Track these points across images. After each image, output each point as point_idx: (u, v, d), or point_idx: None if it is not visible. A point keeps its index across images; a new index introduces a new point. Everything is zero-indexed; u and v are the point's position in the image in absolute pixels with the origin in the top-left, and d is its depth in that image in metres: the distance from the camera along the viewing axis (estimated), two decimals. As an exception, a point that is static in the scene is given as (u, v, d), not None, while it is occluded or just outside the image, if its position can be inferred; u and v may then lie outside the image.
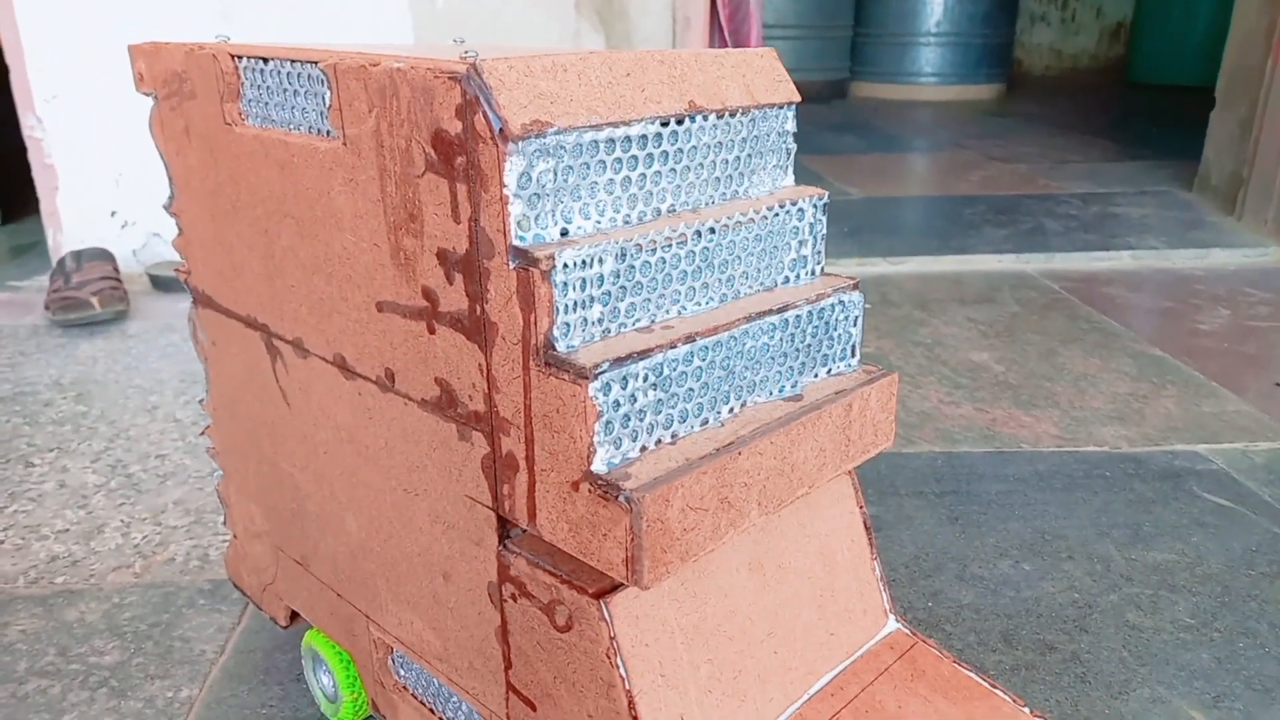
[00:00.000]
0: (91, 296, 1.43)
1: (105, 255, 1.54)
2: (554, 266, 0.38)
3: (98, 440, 1.06)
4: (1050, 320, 1.43)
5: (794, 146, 0.50)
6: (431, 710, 0.55)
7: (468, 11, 1.65)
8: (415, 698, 0.56)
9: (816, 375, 0.47)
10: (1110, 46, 5.05)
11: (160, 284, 1.61)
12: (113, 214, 1.67)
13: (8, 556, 0.84)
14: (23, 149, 1.65)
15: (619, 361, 0.38)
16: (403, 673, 0.57)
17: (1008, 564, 0.80)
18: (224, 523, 0.70)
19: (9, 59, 1.59)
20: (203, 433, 0.65)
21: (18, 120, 1.64)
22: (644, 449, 0.40)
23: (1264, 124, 1.87)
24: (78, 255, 1.51)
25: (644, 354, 0.39)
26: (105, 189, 1.65)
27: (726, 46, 1.87)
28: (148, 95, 0.61)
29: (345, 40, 1.62)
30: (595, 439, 0.38)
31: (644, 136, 0.42)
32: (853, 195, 2.26)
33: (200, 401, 0.65)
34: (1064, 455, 1.00)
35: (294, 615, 0.67)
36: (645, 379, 0.39)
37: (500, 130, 0.37)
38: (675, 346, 0.40)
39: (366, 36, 1.62)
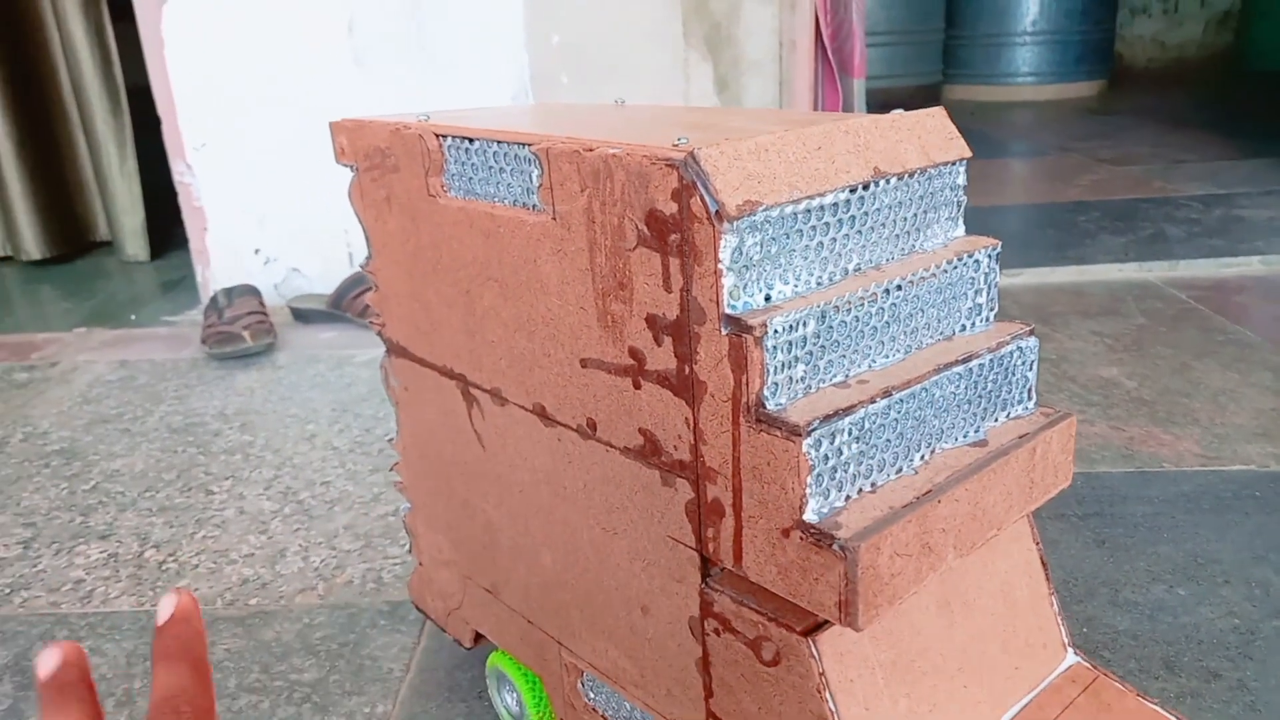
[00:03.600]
0: (243, 330, 1.53)
1: (252, 291, 1.65)
2: (766, 332, 0.41)
3: (266, 468, 1.14)
4: (1181, 332, 1.41)
5: (965, 199, 0.52)
6: (623, 732, 0.59)
7: (581, 46, 1.71)
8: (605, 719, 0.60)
9: (997, 420, 0.50)
10: (1218, 35, 4.85)
11: (300, 316, 1.71)
12: (256, 251, 1.78)
13: (204, 579, 0.92)
14: (168, 191, 1.78)
15: (827, 419, 0.42)
16: (593, 695, 0.61)
17: (1161, 589, 0.81)
18: (409, 551, 0.75)
19: (161, 111, 1.72)
20: (392, 468, 0.71)
21: (163, 165, 1.77)
22: (849, 498, 0.43)
23: (1403, 118, 1.79)
24: (229, 292, 1.62)
25: (848, 410, 0.42)
26: (249, 229, 1.77)
27: (830, 65, 1.89)
28: (347, 166, 0.67)
29: (466, 79, 1.69)
30: (807, 490, 0.41)
31: (835, 204, 0.45)
32: (959, 205, 2.24)
33: (389, 440, 0.71)
34: (1210, 475, 0.99)
35: (477, 637, 0.72)
36: (850, 433, 0.43)
37: (717, 212, 0.41)
38: (875, 401, 0.43)
39: (483, 74, 1.70)
